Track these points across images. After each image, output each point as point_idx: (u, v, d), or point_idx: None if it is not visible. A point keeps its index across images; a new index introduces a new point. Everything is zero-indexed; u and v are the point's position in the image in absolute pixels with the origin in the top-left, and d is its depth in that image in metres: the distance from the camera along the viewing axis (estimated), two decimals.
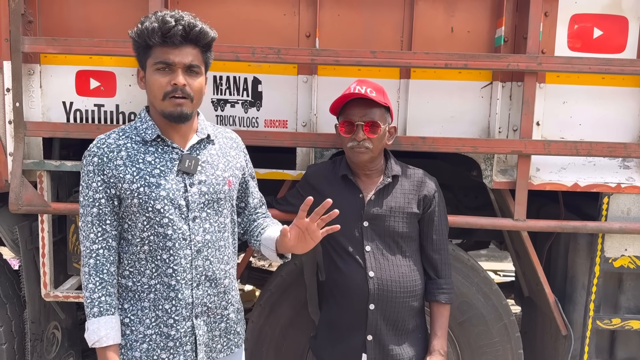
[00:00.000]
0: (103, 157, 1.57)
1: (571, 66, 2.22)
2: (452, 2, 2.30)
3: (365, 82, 1.87)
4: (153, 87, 1.56)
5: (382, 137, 1.87)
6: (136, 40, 1.56)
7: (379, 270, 1.89)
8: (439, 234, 1.98)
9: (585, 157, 2.33)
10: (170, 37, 1.51)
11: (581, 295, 2.51)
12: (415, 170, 2.01)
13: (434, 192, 1.97)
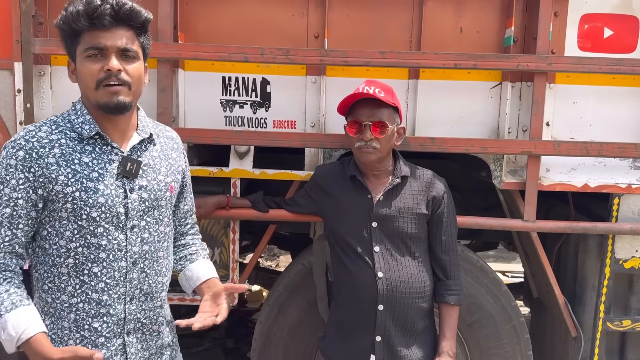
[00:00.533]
0: (32, 152, 1.37)
1: (581, 66, 2.21)
2: (461, 3, 2.30)
3: (374, 83, 1.88)
4: (84, 76, 1.39)
5: (389, 138, 1.86)
6: (62, 28, 1.39)
7: (387, 271, 1.88)
8: (448, 235, 1.97)
9: (595, 158, 2.32)
10: (97, 17, 1.34)
11: (591, 296, 2.50)
12: (424, 171, 1.99)
13: (443, 193, 1.96)
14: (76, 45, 1.40)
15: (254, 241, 3.57)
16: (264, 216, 2.27)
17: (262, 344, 2.52)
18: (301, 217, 2.26)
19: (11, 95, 2.28)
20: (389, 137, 1.86)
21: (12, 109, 2.28)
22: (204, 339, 4.14)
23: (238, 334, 4.23)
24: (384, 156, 1.89)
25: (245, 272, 2.51)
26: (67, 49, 1.44)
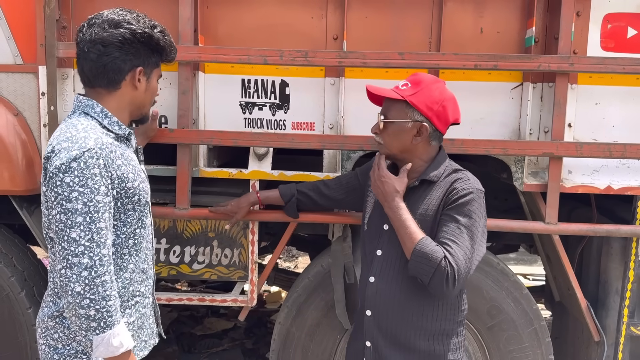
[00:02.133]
0: (107, 159, 1.47)
1: (604, 66, 2.18)
2: (482, 3, 2.28)
3: (413, 75, 1.71)
4: (154, 93, 1.69)
5: (395, 134, 1.68)
6: (161, 46, 1.59)
7: (379, 276, 1.73)
8: (448, 229, 1.60)
9: (619, 160, 2.28)
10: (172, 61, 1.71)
11: (614, 300, 2.46)
12: (457, 174, 1.70)
13: (464, 193, 1.62)
14: (156, 67, 1.64)
15: (273, 242, 3.59)
16: (285, 218, 2.28)
17: (281, 345, 2.54)
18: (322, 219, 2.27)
19: (35, 98, 2.33)
20: (393, 133, 1.68)
21: (37, 111, 2.34)
22: (222, 339, 4.17)
23: (257, 335, 4.26)
24: (395, 152, 1.71)
25: (264, 273, 2.53)
26: (144, 59, 1.59)
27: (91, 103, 1.56)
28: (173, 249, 2.48)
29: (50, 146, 1.47)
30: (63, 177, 1.40)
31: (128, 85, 1.58)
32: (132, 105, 1.63)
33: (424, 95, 1.65)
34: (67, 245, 1.39)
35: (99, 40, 1.50)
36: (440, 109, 1.65)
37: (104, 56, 1.52)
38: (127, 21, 1.52)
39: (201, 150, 2.36)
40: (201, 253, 2.48)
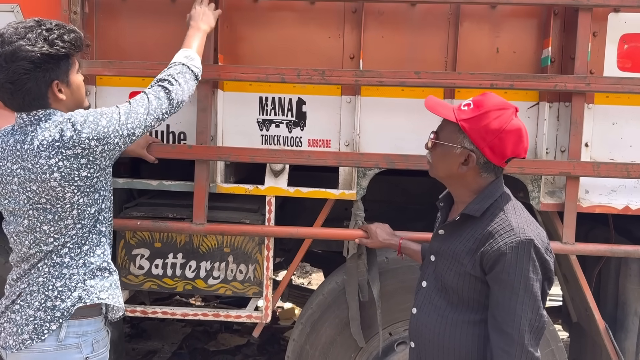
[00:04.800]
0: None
1: (621, 87, 2.18)
2: (497, 23, 2.31)
3: (481, 95, 1.56)
4: (81, 86, 1.74)
5: (443, 156, 1.56)
6: (63, 53, 1.61)
7: (420, 309, 1.66)
8: (496, 309, 1.47)
9: (637, 180, 2.27)
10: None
11: (633, 322, 2.44)
12: (499, 220, 1.50)
13: (499, 255, 1.44)
14: (68, 67, 1.67)
15: (287, 258, 3.61)
16: (298, 233, 2.30)
17: None
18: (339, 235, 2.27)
19: None
20: (440, 155, 1.58)
21: None
22: (236, 355, 4.17)
23: (270, 352, 4.25)
24: (441, 176, 1.62)
25: (279, 289, 2.54)
26: (55, 71, 1.63)
27: (50, 111, 1.64)
28: (189, 263, 2.50)
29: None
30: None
31: (54, 100, 1.64)
32: (68, 109, 1.68)
33: (480, 123, 1.47)
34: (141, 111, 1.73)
35: (4, 79, 1.55)
36: (496, 141, 1.47)
37: (17, 92, 1.58)
38: (20, 48, 1.51)
39: (219, 166, 2.40)
40: (216, 268, 2.50)
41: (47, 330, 1.62)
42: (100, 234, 1.74)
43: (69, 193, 1.61)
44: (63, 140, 1.57)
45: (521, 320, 1.42)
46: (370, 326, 2.43)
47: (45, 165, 1.58)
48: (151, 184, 2.38)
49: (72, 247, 1.67)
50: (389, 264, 2.45)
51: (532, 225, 1.52)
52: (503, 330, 1.44)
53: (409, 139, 2.30)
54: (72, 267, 1.67)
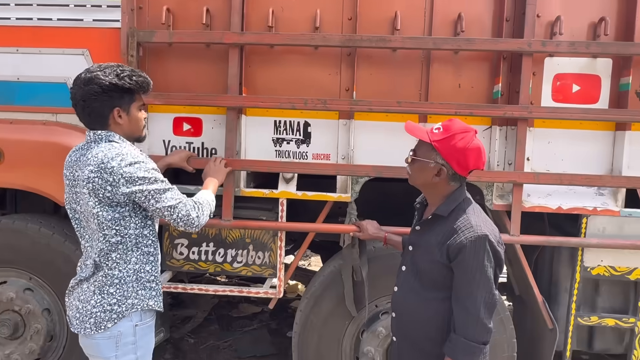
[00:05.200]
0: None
1: (555, 114, 2.11)
2: (459, 65, 2.21)
3: (447, 121, 1.50)
4: (138, 120, 1.63)
5: (420, 170, 1.49)
6: (128, 88, 1.54)
7: (400, 287, 1.60)
8: (459, 290, 1.42)
9: (567, 186, 2.18)
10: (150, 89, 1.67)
11: (564, 297, 2.34)
12: (463, 220, 1.45)
13: (461, 247, 1.40)
14: (131, 101, 1.59)
15: (294, 246, 3.47)
16: (305, 228, 2.18)
17: (301, 329, 2.42)
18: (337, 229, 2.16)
19: None
20: (418, 168, 1.50)
21: None
22: (253, 320, 4.03)
23: (279, 318, 4.11)
24: (419, 185, 1.54)
25: (289, 271, 2.42)
26: (118, 101, 1.56)
27: (110, 133, 1.56)
28: (218, 251, 2.38)
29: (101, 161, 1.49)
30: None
31: (113, 123, 1.56)
32: (124, 135, 1.59)
33: (449, 143, 1.42)
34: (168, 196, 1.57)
35: (78, 95, 1.51)
36: (461, 157, 1.42)
37: (86, 108, 1.52)
38: (96, 76, 1.50)
39: (242, 174, 2.28)
40: (240, 254, 2.38)
41: (104, 327, 1.52)
42: (149, 254, 1.62)
43: (91, 202, 1.50)
44: (106, 165, 1.48)
45: (477, 297, 1.39)
46: (360, 300, 2.31)
47: (85, 176, 1.49)
48: (189, 188, 2.25)
49: (119, 261, 1.55)
50: (376, 252, 2.33)
51: (487, 223, 1.47)
52: (463, 305, 1.41)
53: (392, 153, 2.19)
54: (123, 279, 1.55)
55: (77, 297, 1.57)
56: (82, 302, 1.55)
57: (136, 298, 1.56)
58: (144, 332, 1.58)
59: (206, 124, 2.27)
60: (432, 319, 1.49)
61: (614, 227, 2.18)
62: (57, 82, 2.28)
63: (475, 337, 1.39)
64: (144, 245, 1.59)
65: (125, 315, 1.53)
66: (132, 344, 1.55)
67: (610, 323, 2.27)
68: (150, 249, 1.61)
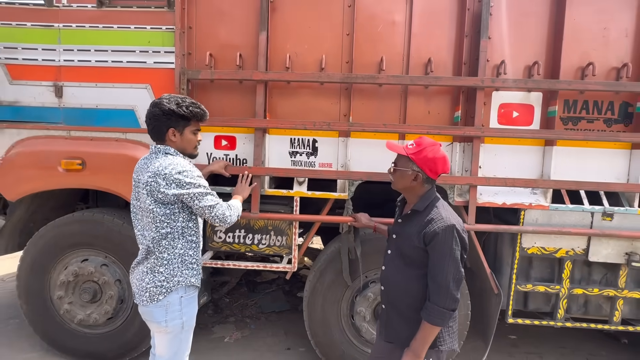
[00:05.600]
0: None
1: (501, 133, 2.07)
2: (429, 98, 2.18)
3: (419, 138, 1.46)
4: (191, 141, 1.55)
5: (401, 176, 1.45)
6: (183, 114, 1.49)
7: (387, 266, 1.54)
8: (432, 268, 1.36)
9: (509, 187, 2.15)
10: (206, 119, 1.60)
11: (506, 269, 2.31)
12: (435, 213, 1.40)
13: (434, 234, 1.35)
14: (187, 126, 1.53)
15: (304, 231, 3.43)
16: (312, 218, 2.14)
17: (310, 293, 2.38)
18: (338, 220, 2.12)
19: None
20: (399, 175, 1.45)
21: None
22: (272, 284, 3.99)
23: (291, 282, 4.06)
24: (400, 188, 1.48)
25: (301, 251, 2.38)
26: (175, 123, 1.51)
27: (168, 147, 1.51)
28: (248, 235, 2.34)
29: (167, 171, 1.45)
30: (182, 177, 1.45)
31: (169, 140, 1.51)
32: (178, 150, 1.53)
33: (422, 154, 1.40)
34: (209, 198, 1.51)
35: (147, 115, 1.50)
36: (432, 165, 1.40)
37: (150, 125, 1.51)
38: (161, 102, 1.48)
39: (266, 179, 2.24)
40: (264, 238, 2.34)
41: (156, 299, 1.48)
42: (192, 242, 1.55)
43: (148, 201, 1.45)
44: (161, 172, 1.43)
45: (447, 274, 1.34)
46: (354, 272, 2.28)
47: (145, 180, 1.44)
48: (226, 189, 2.21)
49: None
50: (367, 236, 2.30)
51: (454, 216, 1.43)
52: (435, 279, 1.36)
53: (378, 163, 2.15)
54: (171, 261, 1.50)
55: (135, 276, 1.53)
56: (138, 281, 1.50)
57: (181, 276, 1.51)
58: (188, 302, 1.54)
59: (239, 141, 2.23)
60: (413, 291, 1.44)
61: (545, 218, 2.16)
62: (127, 109, 2.23)
63: (446, 305, 1.35)
64: (188, 235, 1.53)
65: (172, 290, 1.48)
66: (179, 312, 1.51)
67: (541, 289, 2.25)
68: (193, 238, 1.55)
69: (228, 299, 3.60)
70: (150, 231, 1.46)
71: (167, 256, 1.48)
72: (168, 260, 1.48)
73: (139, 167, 1.53)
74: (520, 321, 2.27)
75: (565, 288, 2.22)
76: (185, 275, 1.52)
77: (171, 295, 1.49)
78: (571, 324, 2.25)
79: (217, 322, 3.18)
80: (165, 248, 1.48)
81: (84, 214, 2.38)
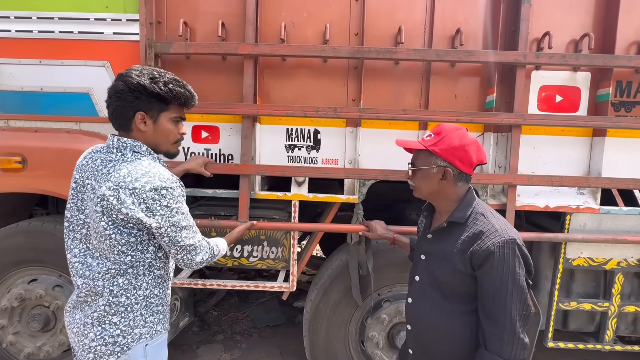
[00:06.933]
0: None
1: (546, 121, 1.66)
2: (456, 78, 1.76)
3: (437, 127, 1.08)
4: (167, 133, 1.06)
5: (423, 177, 1.08)
6: (156, 93, 1.00)
7: (416, 299, 1.14)
8: (490, 302, 0.96)
9: (553, 187, 1.75)
10: (193, 104, 1.11)
11: (544, 283, 1.92)
12: (484, 223, 1.01)
13: (487, 253, 0.96)
14: (163, 110, 1.05)
15: (302, 237, 2.99)
16: (317, 228, 1.70)
17: (311, 316, 1.95)
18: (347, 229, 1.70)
19: None
20: (421, 177, 1.08)
21: None
22: (265, 293, 3.54)
23: None
24: (425, 194, 1.10)
25: (300, 267, 1.93)
26: (148, 106, 1.02)
27: (136, 142, 1.02)
28: (236, 247, 1.90)
29: (126, 180, 0.96)
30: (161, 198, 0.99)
31: (136, 129, 1.03)
32: (148, 145, 1.04)
33: (445, 143, 1.04)
34: (184, 235, 1.04)
35: (109, 91, 1.02)
36: (462, 153, 1.03)
37: (110, 106, 1.03)
38: (129, 74, 1.00)
39: (257, 179, 1.79)
40: (255, 250, 1.90)
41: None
42: (160, 277, 1.08)
43: (103, 223, 0.97)
44: (127, 185, 0.96)
45: (512, 310, 0.94)
46: (364, 290, 1.86)
47: (101, 192, 0.96)
48: (207, 192, 1.76)
49: (127, 287, 1.01)
50: (379, 247, 1.87)
51: (509, 226, 1.01)
52: (494, 319, 0.95)
53: (393, 157, 1.73)
54: (131, 307, 1.02)
55: (72, 326, 1.03)
56: (78, 335, 1.02)
57: (144, 327, 1.04)
58: (156, 350, 1.07)
59: (223, 132, 1.77)
60: (457, 333, 1.04)
61: (594, 223, 1.77)
62: (80, 92, 1.75)
63: (512, 356, 0.94)
64: (156, 269, 1.06)
65: (130, 347, 1.01)
66: None
67: (587, 307, 1.86)
68: (162, 272, 1.09)
69: (216, 312, 3.14)
70: (102, 262, 1.00)
71: (125, 301, 1.01)
72: (127, 307, 1.02)
73: (90, 165, 1.03)
74: (562, 345, 1.88)
75: (615, 305, 1.84)
76: (149, 324, 1.06)
77: (130, 351, 1.03)
78: (621, 347, 1.88)
79: (202, 342, 2.72)
80: (124, 289, 1.01)
81: (31, 224, 1.89)
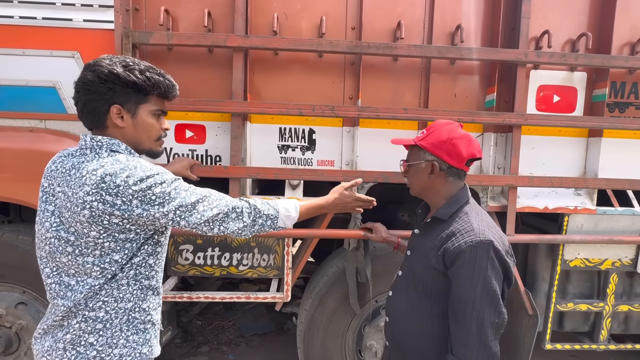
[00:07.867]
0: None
1: (548, 121, 1.61)
2: (455, 77, 1.68)
3: (431, 125, 1.05)
4: (148, 128, 0.90)
5: (415, 173, 1.04)
6: (132, 82, 0.85)
7: (395, 292, 1.09)
8: (457, 303, 0.90)
9: (552, 188, 1.71)
10: (175, 94, 0.94)
11: (541, 285, 1.88)
12: (461, 221, 0.95)
13: (458, 252, 0.89)
14: (142, 102, 0.89)
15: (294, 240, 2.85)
16: (312, 234, 1.58)
17: (306, 327, 1.82)
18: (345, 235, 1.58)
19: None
20: (413, 173, 1.04)
21: None
22: None
23: None
24: (418, 190, 1.06)
25: (294, 276, 1.79)
26: (124, 98, 0.87)
27: (114, 141, 0.86)
28: (224, 255, 1.74)
29: (99, 176, 0.80)
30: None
31: (112, 125, 0.87)
32: (128, 143, 0.89)
33: (432, 137, 1.00)
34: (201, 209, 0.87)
35: (76, 84, 0.86)
36: (450, 147, 0.97)
37: (79, 102, 0.86)
38: (99, 63, 0.85)
39: (247, 182, 1.64)
40: (245, 258, 1.75)
41: None
42: (149, 288, 0.92)
43: (94, 232, 0.81)
44: (108, 185, 0.79)
45: (480, 314, 0.86)
46: (362, 297, 1.75)
47: (81, 200, 0.79)
48: None
49: (107, 299, 0.85)
50: (377, 252, 1.77)
51: (492, 229, 0.94)
52: (461, 322, 0.88)
53: (392, 158, 1.63)
54: (110, 322, 0.86)
55: (41, 353, 0.87)
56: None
57: (125, 346, 0.87)
58: None
59: (210, 131, 1.61)
60: (426, 333, 0.97)
61: (590, 224, 1.74)
62: (45, 86, 1.53)
63: None
64: (144, 278, 0.90)
65: None
66: None
67: (583, 308, 1.83)
68: (152, 282, 0.92)
69: (200, 322, 2.95)
70: (81, 279, 0.84)
71: (103, 315, 0.86)
72: (105, 322, 0.86)
73: (60, 171, 0.85)
74: (559, 346, 1.85)
75: (609, 305, 1.82)
76: (131, 343, 0.89)
77: None
78: (615, 347, 1.86)
79: (186, 355, 2.54)
80: (103, 302, 0.85)
81: None
